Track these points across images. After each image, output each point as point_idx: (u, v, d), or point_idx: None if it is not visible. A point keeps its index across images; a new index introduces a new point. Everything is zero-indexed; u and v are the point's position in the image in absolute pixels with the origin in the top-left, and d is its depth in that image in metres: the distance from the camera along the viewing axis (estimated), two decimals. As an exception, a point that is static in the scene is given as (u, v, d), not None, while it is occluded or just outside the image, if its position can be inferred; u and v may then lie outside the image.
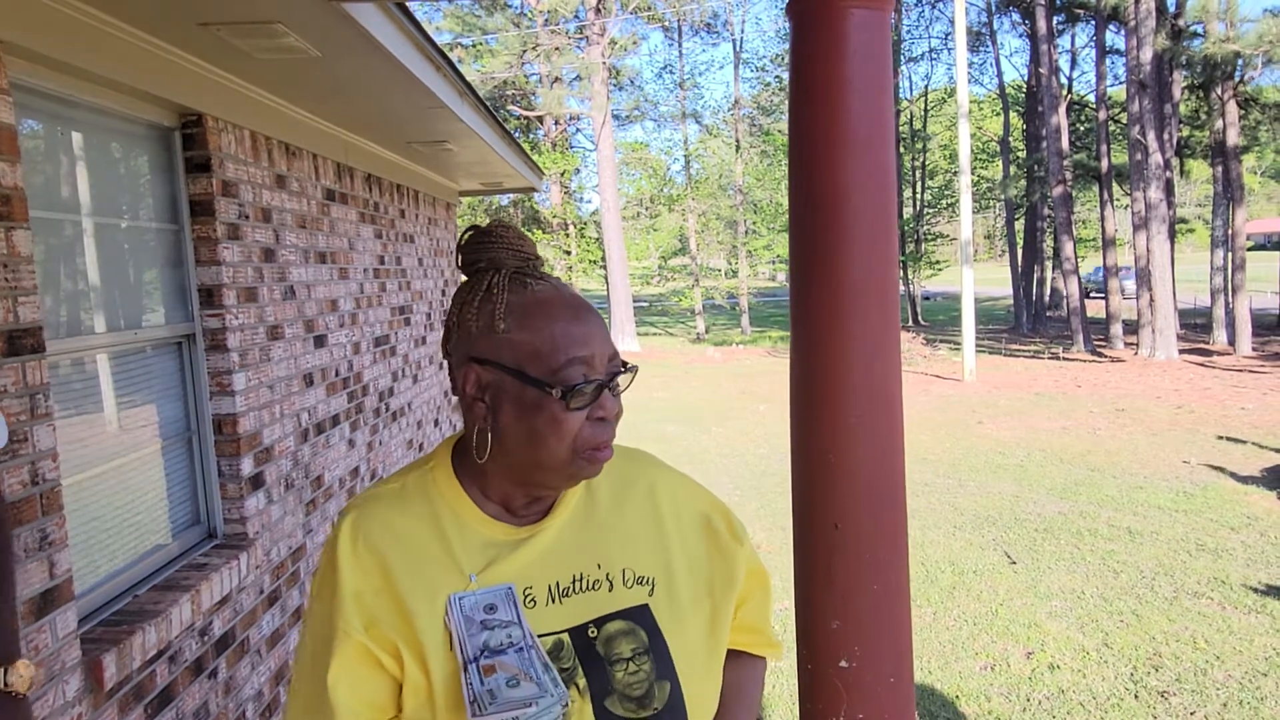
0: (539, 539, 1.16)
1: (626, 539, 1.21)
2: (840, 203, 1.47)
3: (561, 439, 1.09)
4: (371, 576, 1.10)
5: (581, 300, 1.15)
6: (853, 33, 1.46)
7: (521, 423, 1.10)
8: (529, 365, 1.09)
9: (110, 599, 2.76)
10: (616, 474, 1.27)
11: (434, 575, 1.11)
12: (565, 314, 1.11)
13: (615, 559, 1.19)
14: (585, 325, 1.12)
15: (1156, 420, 11.72)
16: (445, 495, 1.17)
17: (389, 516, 1.15)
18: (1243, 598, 5.52)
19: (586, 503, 1.23)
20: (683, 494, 1.31)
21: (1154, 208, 18.46)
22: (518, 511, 1.18)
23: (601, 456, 1.12)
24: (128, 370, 3.01)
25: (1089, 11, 23.25)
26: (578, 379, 1.08)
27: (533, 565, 1.14)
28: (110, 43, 2.71)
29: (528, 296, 1.12)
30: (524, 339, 1.10)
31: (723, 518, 1.31)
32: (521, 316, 1.10)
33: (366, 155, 5.15)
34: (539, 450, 1.10)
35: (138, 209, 3.15)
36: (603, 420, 1.12)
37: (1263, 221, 52.88)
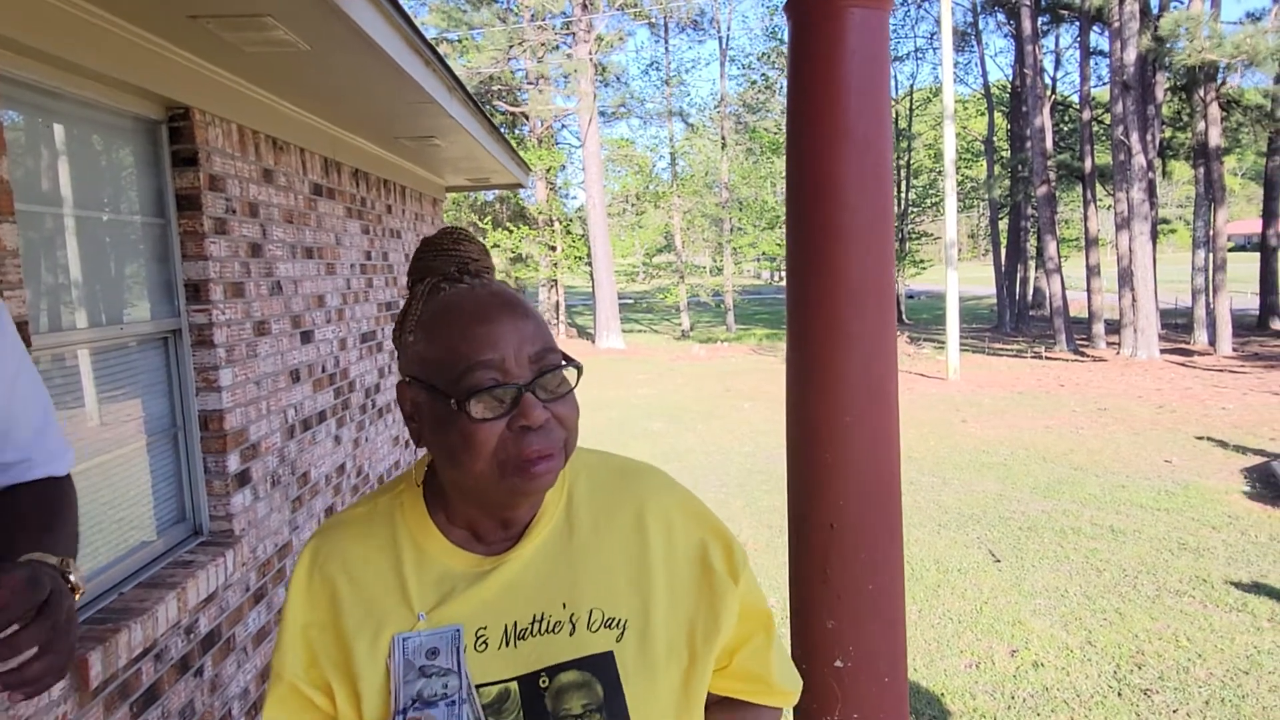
0: (502, 572, 1.06)
1: (601, 573, 1.08)
2: (838, 202, 1.47)
3: (477, 454, 0.97)
4: (320, 609, 1.06)
5: (498, 297, 1.03)
6: (851, 32, 1.46)
7: (439, 440, 1.00)
8: (435, 377, 1.00)
9: (95, 596, 2.74)
10: (604, 495, 1.14)
11: (384, 611, 1.04)
12: (468, 315, 1.00)
13: (584, 597, 1.06)
14: (492, 324, 0.99)
15: (1138, 419, 11.81)
16: (409, 521, 1.10)
17: (348, 546, 1.09)
18: (1224, 596, 5.57)
19: (563, 530, 1.10)
20: (679, 519, 1.14)
21: (1136, 208, 18.59)
22: (486, 538, 1.08)
23: (538, 470, 0.98)
24: (113, 365, 2.98)
25: (1073, 12, 23.37)
26: (484, 384, 0.96)
27: (491, 602, 1.04)
28: (97, 35, 2.69)
29: (437, 303, 1.03)
30: (430, 349, 1.01)
31: (722, 549, 1.14)
32: (429, 326, 1.02)
33: (354, 150, 5.13)
34: (460, 470, 0.99)
35: (124, 203, 3.12)
36: (527, 429, 0.97)
37: (1243, 223, 53.32)
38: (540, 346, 1.00)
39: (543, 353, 1.00)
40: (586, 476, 1.15)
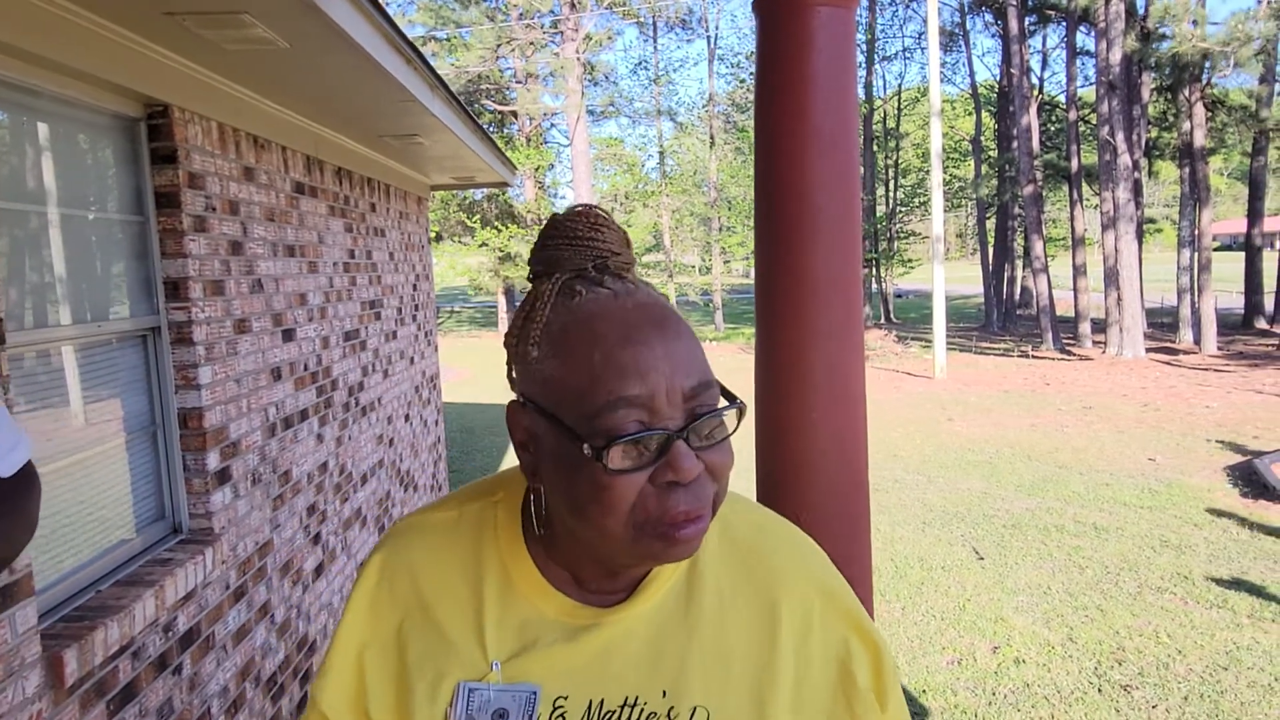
0: (600, 633, 0.87)
1: (717, 663, 0.87)
2: (805, 200, 1.47)
3: (608, 511, 0.77)
4: (384, 629, 0.91)
5: (650, 312, 0.81)
6: (818, 30, 1.46)
7: (561, 485, 0.81)
8: (564, 408, 0.79)
9: (72, 594, 2.73)
10: (737, 560, 0.92)
11: (453, 649, 0.88)
12: (615, 333, 0.78)
13: (691, 689, 0.86)
14: (643, 347, 0.77)
15: (1123, 418, 11.87)
16: (502, 542, 0.91)
17: (425, 559, 0.92)
18: (1205, 593, 5.61)
19: (681, 596, 0.90)
20: (822, 609, 0.91)
21: (1122, 208, 18.69)
22: (588, 584, 0.89)
23: (683, 536, 0.78)
24: (91, 363, 2.97)
25: (1060, 13, 23.48)
26: (626, 428, 0.76)
27: (580, 669, 0.86)
28: (74, 31, 2.68)
29: (572, 311, 0.81)
30: (559, 371, 0.80)
31: (870, 658, 0.91)
32: (559, 340, 0.81)
33: (337, 148, 5.12)
34: (584, 523, 0.80)
35: (102, 200, 3.11)
36: (674, 485, 0.77)
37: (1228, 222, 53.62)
38: (697, 380, 0.79)
39: (699, 388, 0.79)
40: (720, 531, 0.93)
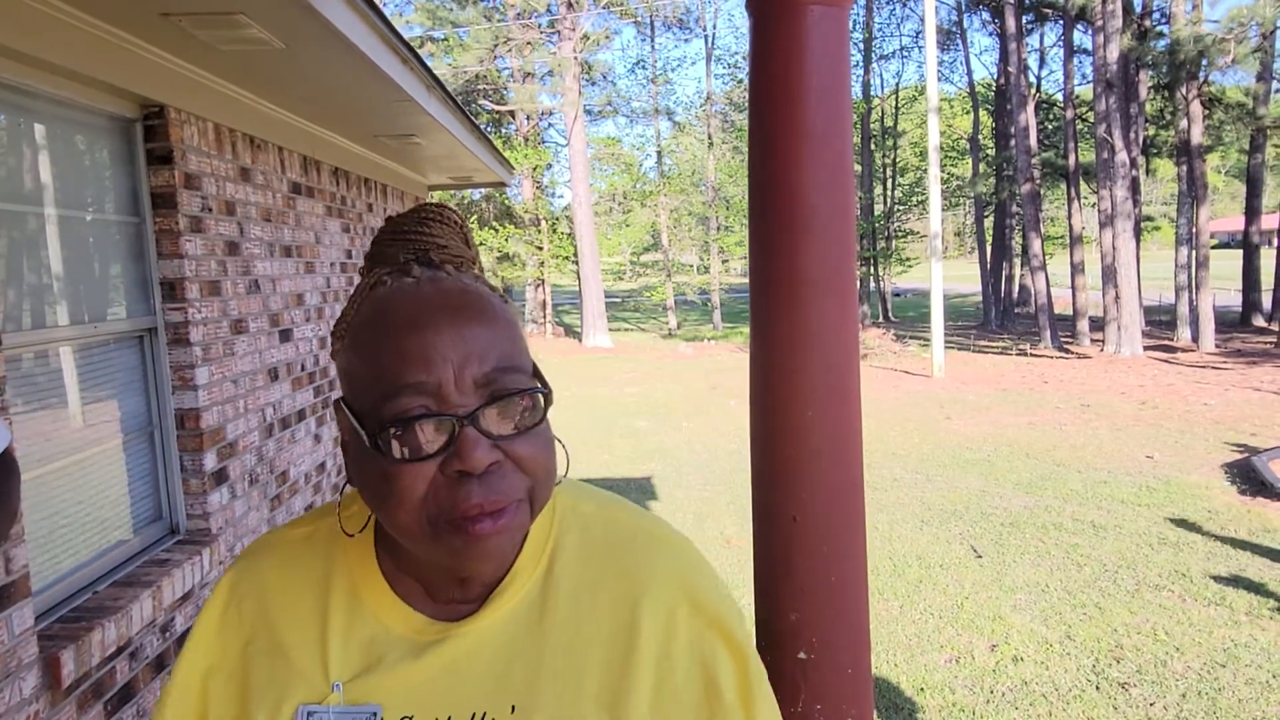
0: (447, 647, 0.83)
1: (570, 674, 0.82)
2: (799, 199, 1.48)
3: (399, 504, 0.74)
4: (230, 653, 0.87)
5: (447, 297, 0.78)
6: (811, 30, 1.47)
7: (359, 480, 0.79)
8: (357, 400, 0.78)
9: (69, 595, 2.73)
10: (597, 564, 0.88)
11: (295, 671, 0.84)
12: (405, 319, 0.76)
13: (541, 704, 0.81)
14: (430, 332, 0.75)
15: (1121, 416, 11.88)
16: (352, 557, 0.88)
17: (275, 578, 0.88)
18: (1202, 590, 5.61)
19: (535, 604, 0.85)
20: (686, 615, 0.86)
21: (1120, 205, 18.70)
22: (438, 595, 0.85)
23: (478, 531, 0.74)
24: (88, 364, 2.97)
25: (1057, 11, 23.49)
26: (409, 413, 0.73)
27: (424, 686, 0.82)
28: (70, 32, 2.68)
29: (372, 302, 0.79)
30: (353, 363, 0.78)
31: (737, 668, 0.86)
32: (356, 332, 0.79)
33: (333, 148, 5.12)
34: (386, 520, 0.77)
35: (98, 201, 3.11)
36: (465, 475, 0.73)
37: (1226, 220, 53.66)
38: (494, 365, 0.75)
39: (497, 374, 0.75)
40: (579, 534, 0.89)
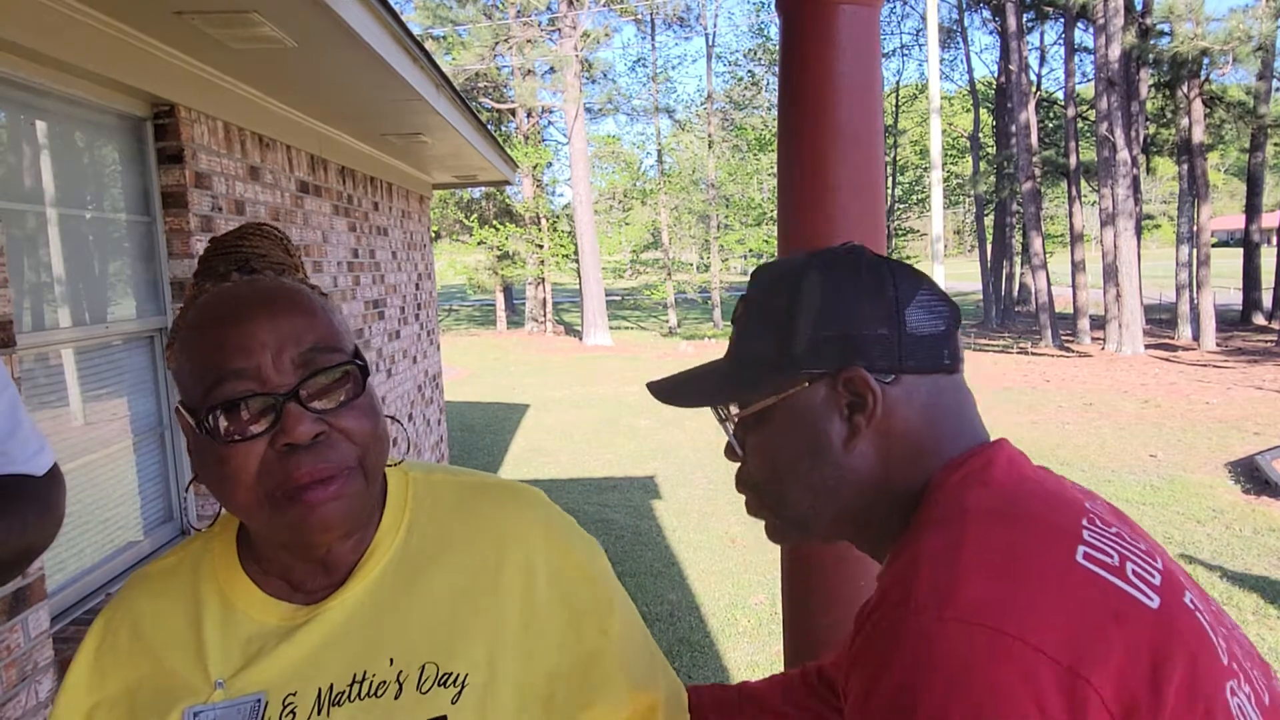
0: (318, 624, 0.87)
1: (440, 620, 0.88)
2: (829, 199, 1.47)
3: (236, 484, 0.79)
4: (111, 688, 0.89)
5: (259, 293, 0.84)
6: (843, 29, 1.45)
7: (204, 474, 0.83)
8: (188, 397, 0.83)
9: (82, 597, 2.72)
10: (453, 522, 0.94)
11: (177, 682, 0.86)
12: (221, 315, 0.82)
13: (417, 650, 0.86)
14: (246, 323, 0.81)
15: (1123, 414, 11.87)
16: (219, 571, 0.91)
17: (145, 607, 0.91)
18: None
19: (399, 568, 0.90)
20: (544, 548, 0.94)
21: (1121, 204, 18.69)
22: (304, 585, 0.89)
23: (312, 499, 0.79)
24: (99, 365, 2.96)
25: (1058, 9, 23.47)
26: (233, 395, 0.79)
27: (303, 662, 0.86)
28: (82, 30, 2.66)
29: (195, 308, 0.85)
30: (182, 363, 0.83)
31: (591, 594, 0.95)
32: (182, 335, 0.84)
33: (341, 147, 5.10)
34: (230, 506, 0.83)
35: (108, 201, 3.09)
36: (294, 448, 0.79)
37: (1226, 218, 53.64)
38: (309, 345, 0.82)
39: (314, 352, 0.82)
40: (433, 500, 0.96)
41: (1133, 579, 0.71)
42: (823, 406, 0.85)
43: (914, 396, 0.85)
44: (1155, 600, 0.70)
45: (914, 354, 0.86)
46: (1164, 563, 0.77)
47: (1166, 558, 0.80)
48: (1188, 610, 0.72)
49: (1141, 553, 0.75)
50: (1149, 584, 0.71)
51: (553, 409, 13.77)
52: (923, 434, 0.85)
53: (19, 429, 1.25)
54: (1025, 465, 0.85)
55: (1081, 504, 0.80)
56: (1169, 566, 0.77)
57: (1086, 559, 0.71)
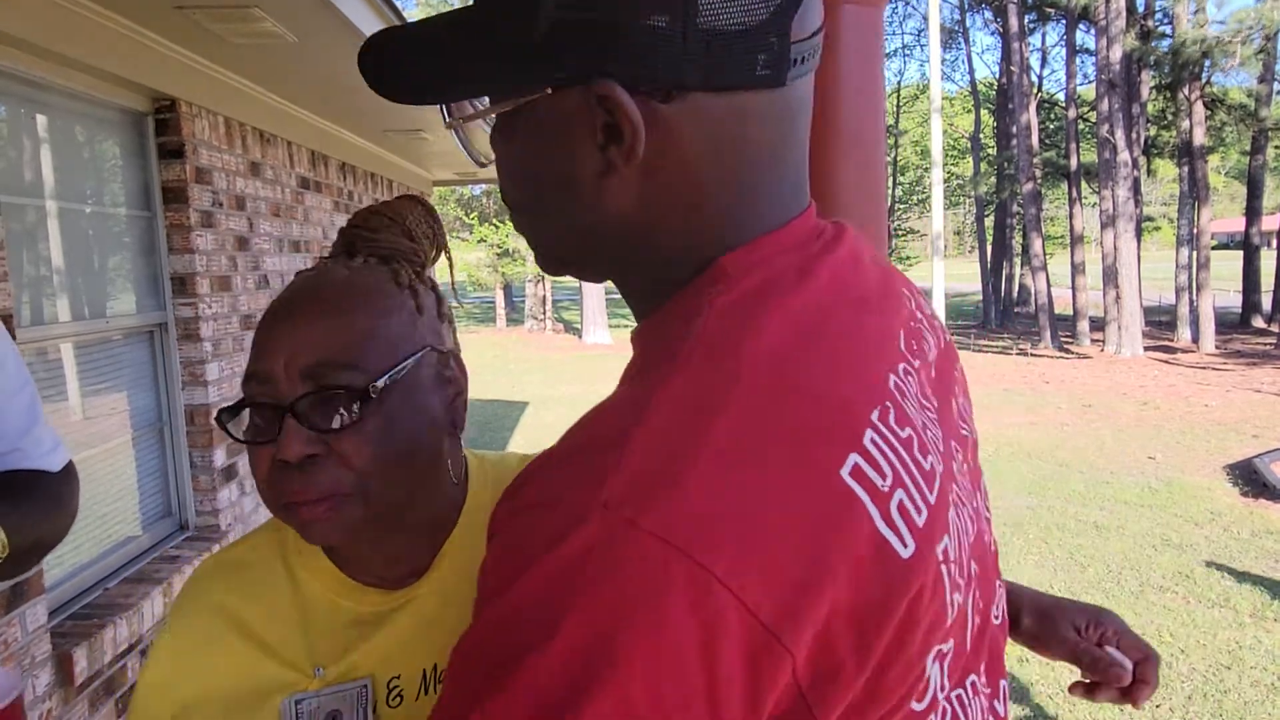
0: (415, 606, 0.86)
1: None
2: (832, 199, 1.46)
3: (257, 481, 0.79)
4: (197, 682, 0.85)
5: (309, 287, 0.82)
6: (845, 30, 1.45)
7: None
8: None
9: (80, 592, 2.72)
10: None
11: (271, 671, 0.84)
12: (274, 310, 0.81)
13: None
14: (276, 322, 0.79)
15: (1122, 416, 11.88)
16: (305, 559, 0.89)
17: (227, 599, 0.88)
18: (1206, 592, 5.61)
19: (475, 550, 0.83)
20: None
21: (1121, 206, 18.70)
22: (380, 571, 0.88)
23: (303, 518, 0.77)
24: (98, 359, 2.96)
25: (1060, 10, 23.46)
26: (249, 397, 0.78)
27: (404, 645, 0.84)
28: (83, 25, 2.66)
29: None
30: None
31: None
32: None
33: (341, 143, 5.10)
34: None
35: (109, 195, 3.09)
36: (284, 464, 0.75)
37: (1226, 221, 53.65)
38: (319, 359, 0.76)
39: (321, 367, 0.76)
40: (494, 486, 0.94)
41: (894, 515, 0.52)
42: (572, 125, 0.59)
43: (703, 126, 0.58)
44: (908, 549, 0.52)
45: (707, 58, 0.56)
46: (940, 485, 0.57)
47: (947, 472, 0.59)
48: (935, 563, 0.54)
49: (921, 475, 0.55)
50: (910, 524, 0.53)
51: (552, 406, 13.76)
52: (709, 188, 0.60)
53: (35, 425, 1.27)
54: (847, 280, 0.63)
55: (886, 372, 0.59)
56: (943, 489, 0.57)
57: (854, 475, 0.51)
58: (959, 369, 0.75)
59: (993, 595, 0.67)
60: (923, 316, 0.71)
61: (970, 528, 0.63)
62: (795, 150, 0.65)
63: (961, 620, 0.59)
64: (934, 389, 0.65)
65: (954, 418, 0.68)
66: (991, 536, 0.71)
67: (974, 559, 0.63)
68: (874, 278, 0.66)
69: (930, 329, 0.70)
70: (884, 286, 0.66)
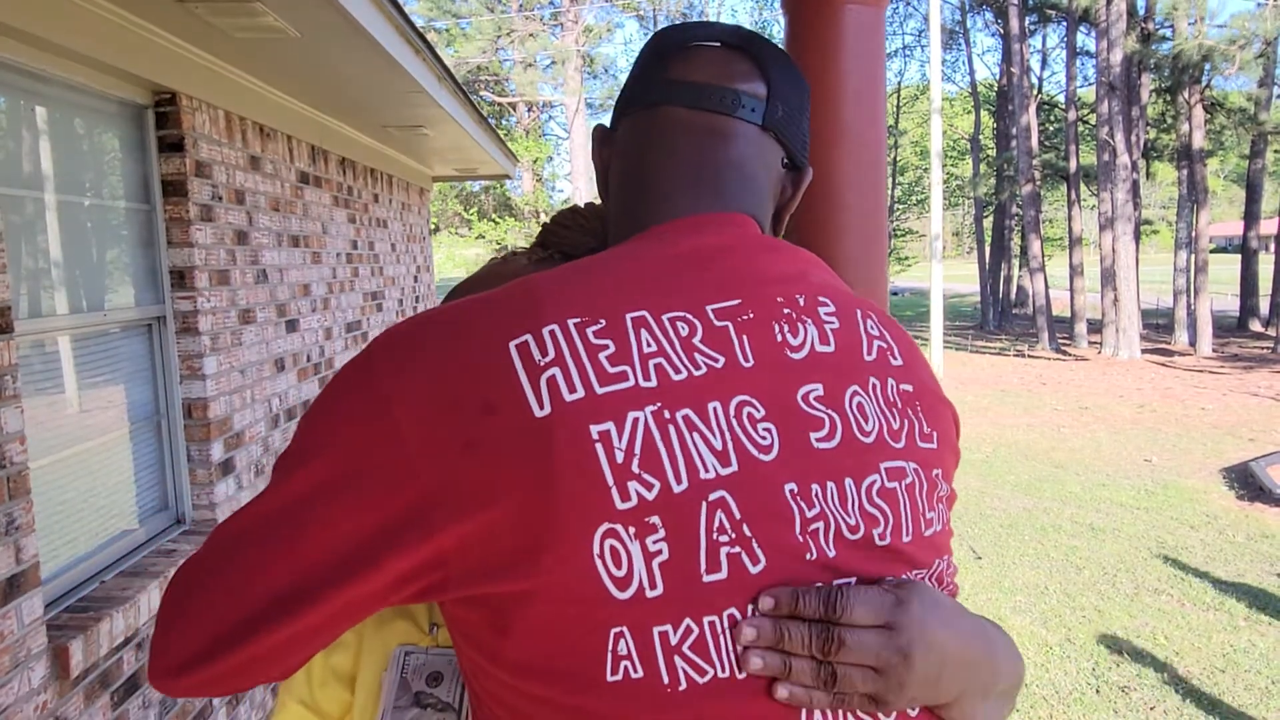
0: None
1: None
2: (833, 199, 1.46)
3: None
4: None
5: (480, 279, 1.00)
6: (848, 30, 1.45)
7: None
8: None
9: (76, 585, 2.72)
10: None
11: (395, 619, 0.92)
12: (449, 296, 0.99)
13: None
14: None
15: (1119, 419, 11.89)
16: None
17: None
18: (1201, 595, 5.62)
19: None
20: None
21: (1120, 208, 18.70)
22: None
23: None
24: (96, 352, 2.96)
25: (1060, 12, 23.46)
26: None
27: None
28: (83, 17, 2.65)
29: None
30: None
31: None
32: None
33: (341, 138, 5.09)
34: None
35: (108, 188, 3.09)
36: None
37: (1225, 225, 53.63)
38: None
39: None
40: None
41: (540, 383, 0.68)
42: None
43: (627, 140, 0.88)
44: (544, 410, 0.67)
45: (630, 92, 0.89)
46: (719, 417, 0.71)
47: (787, 431, 0.73)
48: (587, 439, 0.66)
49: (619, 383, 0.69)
50: (554, 394, 0.67)
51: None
52: (627, 187, 0.87)
53: None
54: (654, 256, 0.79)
55: (628, 310, 0.73)
56: (730, 423, 0.71)
57: (518, 347, 0.69)
58: (928, 404, 0.83)
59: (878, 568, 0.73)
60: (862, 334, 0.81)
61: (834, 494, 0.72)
62: (690, 150, 0.87)
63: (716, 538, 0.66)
64: (824, 379, 0.75)
65: (873, 420, 0.77)
66: (908, 523, 0.76)
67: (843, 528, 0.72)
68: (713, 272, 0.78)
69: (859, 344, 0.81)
70: (729, 281, 0.78)
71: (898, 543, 0.74)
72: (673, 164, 0.84)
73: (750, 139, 0.86)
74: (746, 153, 0.86)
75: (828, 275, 0.85)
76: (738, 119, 0.85)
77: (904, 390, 0.81)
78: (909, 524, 0.75)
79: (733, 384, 0.71)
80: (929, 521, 0.78)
